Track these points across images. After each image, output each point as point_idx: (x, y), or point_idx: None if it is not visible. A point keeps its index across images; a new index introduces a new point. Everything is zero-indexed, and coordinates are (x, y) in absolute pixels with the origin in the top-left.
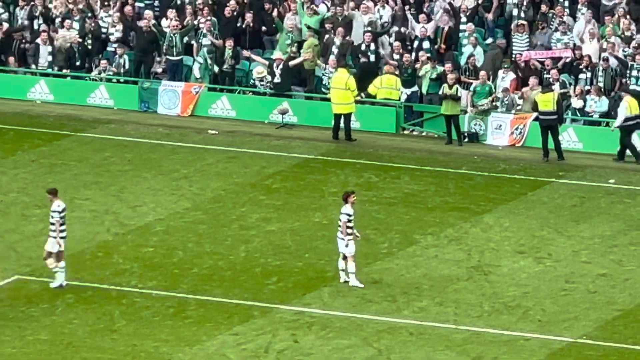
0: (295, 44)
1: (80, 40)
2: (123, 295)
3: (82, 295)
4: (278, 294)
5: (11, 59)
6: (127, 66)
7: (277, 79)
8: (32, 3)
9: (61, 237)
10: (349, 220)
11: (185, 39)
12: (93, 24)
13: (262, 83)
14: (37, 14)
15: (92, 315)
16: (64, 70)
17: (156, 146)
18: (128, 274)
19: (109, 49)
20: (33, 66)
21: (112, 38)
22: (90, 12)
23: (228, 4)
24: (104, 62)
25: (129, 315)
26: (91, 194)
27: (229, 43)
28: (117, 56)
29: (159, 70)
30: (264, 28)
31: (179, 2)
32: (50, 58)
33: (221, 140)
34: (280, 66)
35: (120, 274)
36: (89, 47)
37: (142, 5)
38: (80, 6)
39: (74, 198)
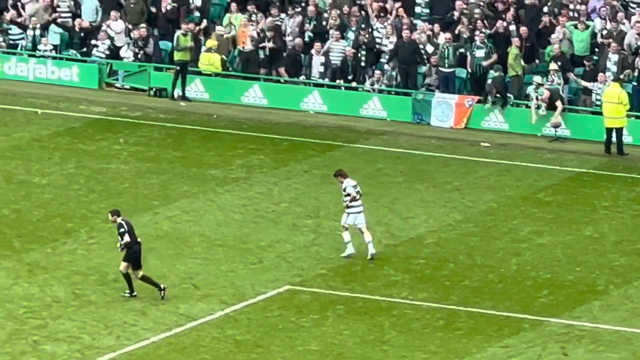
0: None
1: (354, 51)
2: (393, 307)
3: (353, 306)
4: (548, 307)
5: (282, 70)
6: (398, 78)
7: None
8: (303, 12)
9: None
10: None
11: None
12: (367, 35)
13: (537, 96)
14: (309, 24)
15: (363, 326)
16: (338, 81)
17: (429, 158)
18: (399, 285)
19: (382, 60)
20: (303, 77)
21: (385, 49)
22: (365, 23)
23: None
24: (378, 72)
25: (399, 327)
26: (364, 206)
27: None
28: (389, 68)
29: (432, 82)
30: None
31: (455, 15)
32: (322, 69)
33: (494, 153)
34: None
35: (391, 285)
36: (362, 58)
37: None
38: (356, 16)
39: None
